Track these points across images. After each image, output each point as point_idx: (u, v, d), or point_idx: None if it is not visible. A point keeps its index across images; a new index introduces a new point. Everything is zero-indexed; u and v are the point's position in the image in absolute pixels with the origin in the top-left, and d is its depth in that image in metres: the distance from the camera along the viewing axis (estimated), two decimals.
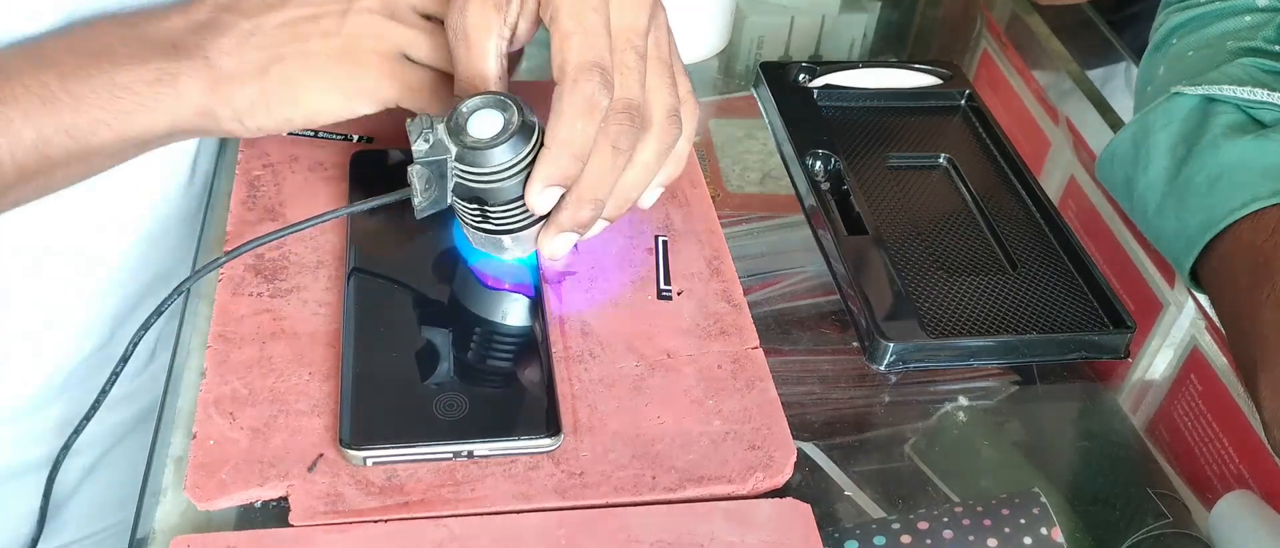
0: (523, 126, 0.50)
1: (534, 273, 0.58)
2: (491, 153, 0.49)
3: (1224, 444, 0.56)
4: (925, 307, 0.60)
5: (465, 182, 0.51)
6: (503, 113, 0.50)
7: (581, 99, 0.49)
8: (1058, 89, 0.84)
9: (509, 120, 0.50)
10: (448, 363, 0.53)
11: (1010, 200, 0.69)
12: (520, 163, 0.50)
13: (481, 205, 0.52)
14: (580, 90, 0.49)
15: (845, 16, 0.91)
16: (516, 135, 0.50)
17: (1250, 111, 0.61)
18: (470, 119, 0.50)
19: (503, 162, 0.50)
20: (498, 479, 0.49)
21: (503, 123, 0.50)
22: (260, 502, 0.48)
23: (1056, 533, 0.48)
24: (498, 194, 0.51)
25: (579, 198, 0.51)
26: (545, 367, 0.53)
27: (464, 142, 0.50)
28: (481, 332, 0.55)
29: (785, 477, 0.51)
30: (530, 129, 0.50)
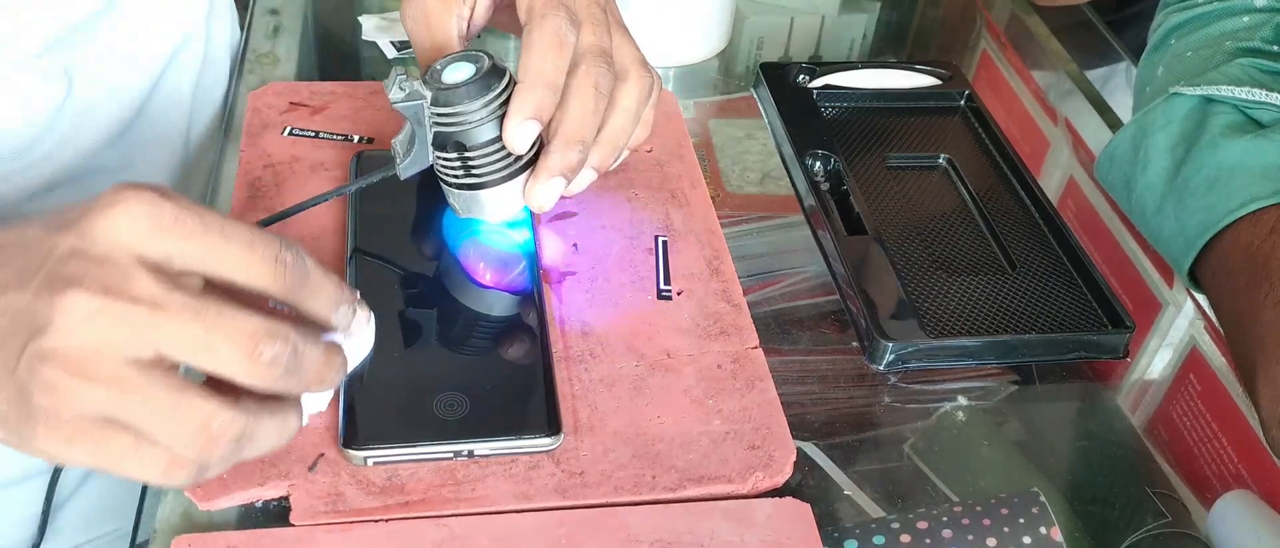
0: (494, 69, 0.51)
1: (534, 272, 0.58)
2: (466, 90, 0.50)
3: (1223, 444, 0.56)
4: (925, 307, 0.60)
5: (443, 128, 0.51)
6: (475, 63, 0.52)
7: (550, 32, 0.50)
8: (1057, 89, 0.84)
9: (480, 65, 0.51)
10: (448, 363, 0.53)
11: (1009, 201, 0.69)
12: (495, 98, 0.51)
13: (461, 154, 0.52)
14: (548, 25, 0.51)
15: (845, 17, 0.91)
16: (489, 74, 0.51)
17: (1249, 112, 0.61)
18: (444, 71, 0.52)
19: (478, 98, 0.51)
20: (498, 479, 0.49)
21: (475, 67, 0.51)
22: (261, 501, 0.48)
23: (1055, 533, 0.48)
24: (475, 135, 0.51)
25: (566, 140, 0.51)
26: (545, 366, 0.53)
27: (439, 85, 0.51)
28: (482, 331, 0.55)
29: (785, 477, 0.51)
30: (502, 72, 0.51)
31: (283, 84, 0.71)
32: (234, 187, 0.62)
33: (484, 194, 0.53)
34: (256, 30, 0.80)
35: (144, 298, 0.38)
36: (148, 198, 0.39)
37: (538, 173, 0.52)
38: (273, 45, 0.79)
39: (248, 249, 0.40)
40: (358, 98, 0.70)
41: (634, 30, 0.80)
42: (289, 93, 0.70)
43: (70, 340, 0.38)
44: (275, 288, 0.40)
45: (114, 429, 0.39)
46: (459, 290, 0.57)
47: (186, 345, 0.38)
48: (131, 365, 0.38)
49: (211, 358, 0.39)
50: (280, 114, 0.68)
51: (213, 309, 0.39)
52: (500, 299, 0.57)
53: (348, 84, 0.71)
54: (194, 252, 0.39)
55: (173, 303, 0.38)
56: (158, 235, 0.39)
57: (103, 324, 0.38)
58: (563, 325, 0.57)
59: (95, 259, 0.38)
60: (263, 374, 0.39)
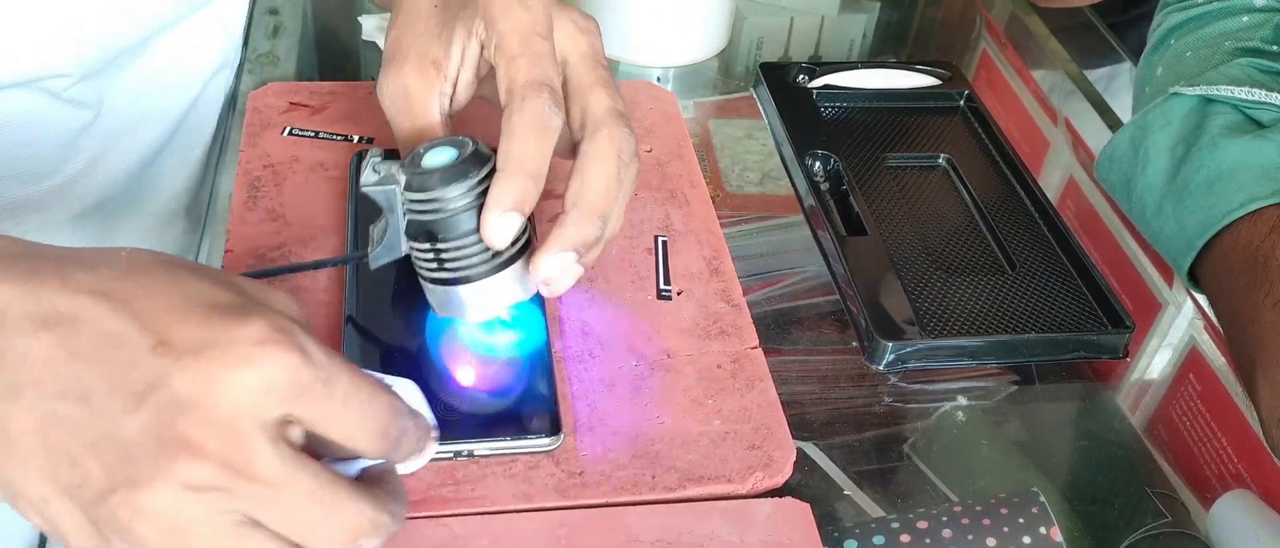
0: (477, 154, 0.47)
1: None
2: (443, 175, 0.46)
3: (1223, 444, 0.56)
4: (924, 307, 0.60)
5: (417, 216, 0.47)
6: (457, 148, 0.47)
7: (532, 116, 0.46)
8: (1057, 90, 0.84)
9: (464, 150, 0.47)
10: (448, 363, 0.53)
11: (1009, 201, 0.69)
12: (475, 186, 0.47)
13: (435, 245, 0.47)
14: (530, 107, 0.46)
15: (845, 17, 0.91)
16: (470, 160, 0.47)
17: (1248, 112, 0.61)
18: (425, 155, 0.48)
19: (455, 184, 0.46)
20: (498, 479, 0.49)
21: (457, 152, 0.47)
22: None
23: (1055, 533, 0.49)
24: (451, 226, 0.47)
25: (586, 211, 0.47)
26: (545, 366, 0.53)
27: (415, 169, 0.47)
28: (481, 331, 0.55)
29: (785, 477, 0.51)
30: (487, 158, 0.47)
31: (283, 84, 0.71)
32: (234, 187, 0.62)
33: (462, 290, 0.48)
34: (256, 30, 0.80)
35: (264, 479, 0.35)
36: (292, 361, 0.35)
37: (549, 243, 0.47)
38: (273, 45, 0.79)
39: (360, 423, 0.38)
40: (358, 98, 0.70)
41: (634, 30, 0.81)
42: (289, 93, 0.70)
43: (172, 505, 0.34)
44: (372, 455, 0.39)
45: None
46: None
47: (293, 527, 0.36)
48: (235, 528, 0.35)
49: (312, 541, 0.36)
50: (280, 114, 0.68)
51: (329, 495, 0.36)
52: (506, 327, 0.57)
53: (348, 84, 0.71)
54: (312, 416, 0.36)
55: (294, 486, 0.35)
56: (288, 403, 0.35)
57: (213, 498, 0.34)
58: (562, 325, 0.57)
59: (217, 424, 0.34)
60: None
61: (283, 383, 0.35)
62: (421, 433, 0.41)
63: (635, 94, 0.74)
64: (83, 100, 0.58)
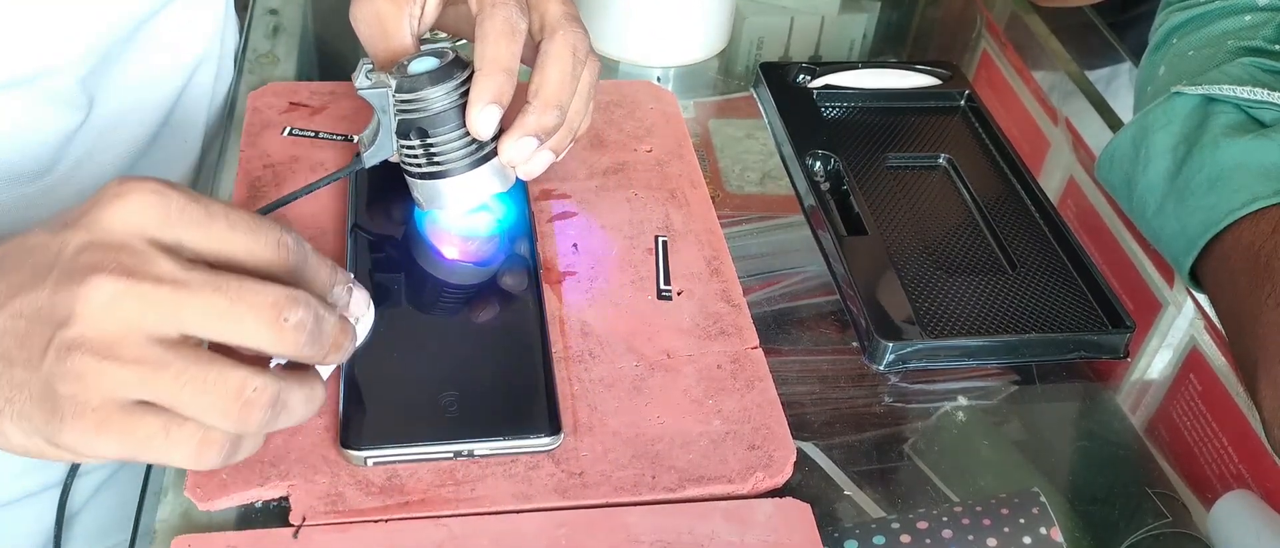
0: (458, 61, 0.53)
1: (534, 273, 0.58)
2: (430, 77, 0.52)
3: (1223, 444, 0.56)
4: (924, 307, 0.60)
5: (407, 115, 0.53)
6: (438, 56, 0.53)
7: (500, 20, 0.52)
8: (1057, 90, 0.84)
9: (445, 57, 0.53)
10: (448, 363, 0.53)
11: (1010, 201, 0.69)
12: (459, 86, 0.52)
13: (424, 141, 0.53)
14: (499, 13, 0.52)
15: (845, 16, 0.91)
16: (452, 64, 0.53)
17: (1250, 111, 0.61)
18: (410, 63, 0.53)
19: (441, 84, 0.52)
20: (498, 479, 0.49)
21: (438, 60, 0.53)
22: (261, 502, 0.48)
23: (1056, 533, 0.48)
24: (438, 121, 0.53)
25: (544, 102, 0.53)
26: (545, 367, 0.53)
27: (403, 74, 0.52)
28: (481, 331, 0.55)
29: (785, 477, 0.51)
30: (464, 64, 0.53)
31: (282, 84, 0.71)
32: (234, 186, 0.62)
33: (444, 184, 0.54)
34: (256, 30, 0.80)
35: (166, 277, 0.39)
36: (153, 188, 0.40)
37: (512, 130, 0.53)
38: (273, 45, 0.79)
39: (251, 234, 0.41)
40: (357, 98, 0.70)
41: (634, 30, 0.80)
42: (289, 93, 0.70)
43: (96, 326, 0.38)
44: (279, 268, 0.41)
45: (143, 413, 0.39)
46: (459, 291, 0.57)
47: (212, 319, 0.39)
48: (159, 344, 0.39)
49: (238, 329, 0.39)
50: (280, 114, 0.68)
51: (234, 283, 0.39)
52: (500, 299, 0.57)
53: (348, 84, 0.71)
54: (202, 238, 0.40)
55: (194, 280, 0.39)
56: (167, 224, 0.39)
57: (128, 305, 0.38)
58: (563, 325, 0.57)
59: (112, 246, 0.39)
60: (289, 340, 0.40)
61: (155, 204, 0.39)
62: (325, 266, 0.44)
63: (635, 94, 0.74)
64: (74, 100, 0.58)
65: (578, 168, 0.67)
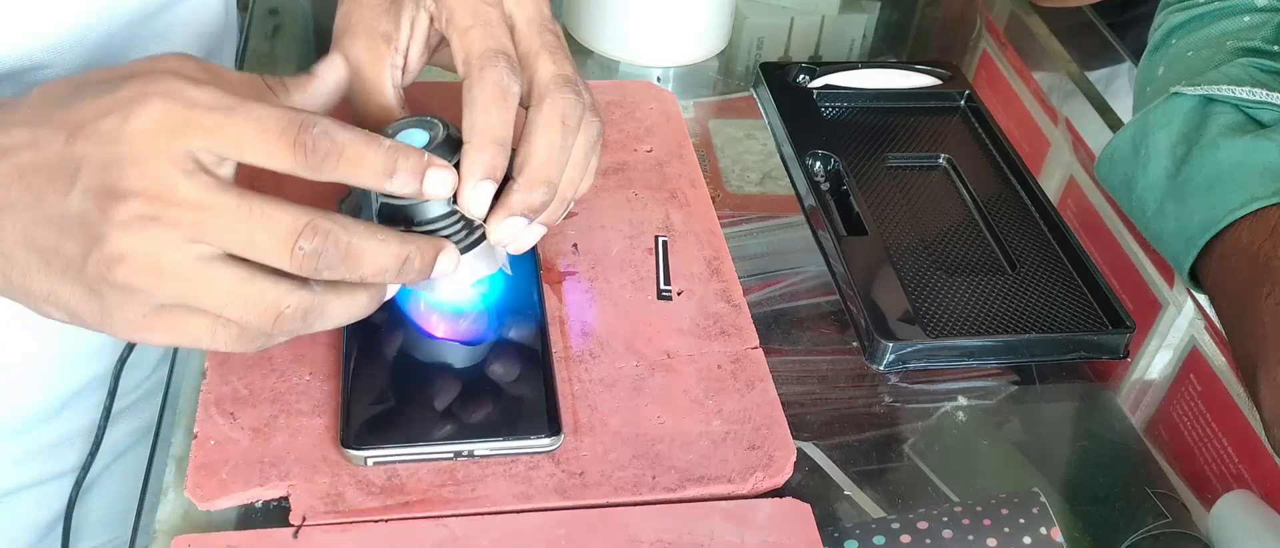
0: (448, 140, 0.47)
1: (534, 273, 0.58)
2: None
3: (1223, 444, 0.56)
4: (925, 307, 0.60)
5: (389, 202, 0.47)
6: (428, 131, 0.47)
7: (492, 86, 0.47)
8: (1057, 90, 0.84)
9: (435, 133, 0.47)
10: (448, 363, 0.53)
11: (1010, 201, 0.69)
12: None
13: (409, 228, 0.47)
14: (489, 78, 0.48)
15: (845, 16, 0.91)
16: (443, 145, 0.47)
17: (1249, 112, 0.61)
18: (395, 136, 0.47)
19: None
20: (498, 479, 0.49)
21: (429, 135, 0.47)
22: (261, 502, 0.48)
23: (1056, 533, 0.48)
24: (424, 210, 0.47)
25: (530, 179, 0.48)
26: (545, 367, 0.53)
27: None
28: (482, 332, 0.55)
29: (785, 477, 0.51)
30: (456, 143, 0.47)
31: None
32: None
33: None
34: (256, 30, 0.80)
35: (188, 201, 0.40)
36: (162, 97, 0.40)
37: (496, 211, 0.48)
38: (272, 45, 0.79)
39: (261, 134, 0.41)
40: None
41: (634, 30, 0.80)
42: None
43: (132, 246, 0.40)
44: (300, 169, 0.42)
45: (191, 314, 0.42)
46: None
47: (235, 243, 0.41)
48: (197, 261, 0.40)
49: (259, 253, 0.41)
50: None
51: (256, 207, 0.41)
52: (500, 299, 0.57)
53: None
54: (218, 144, 0.41)
55: (215, 204, 0.40)
56: (184, 133, 0.40)
57: (157, 231, 0.40)
58: (562, 325, 0.57)
59: (136, 165, 0.40)
60: (305, 266, 0.41)
61: (168, 111, 0.40)
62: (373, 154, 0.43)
63: (635, 94, 0.74)
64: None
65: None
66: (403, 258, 0.44)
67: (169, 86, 0.41)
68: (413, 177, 0.44)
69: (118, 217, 0.40)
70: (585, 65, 0.82)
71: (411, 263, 0.44)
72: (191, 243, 0.40)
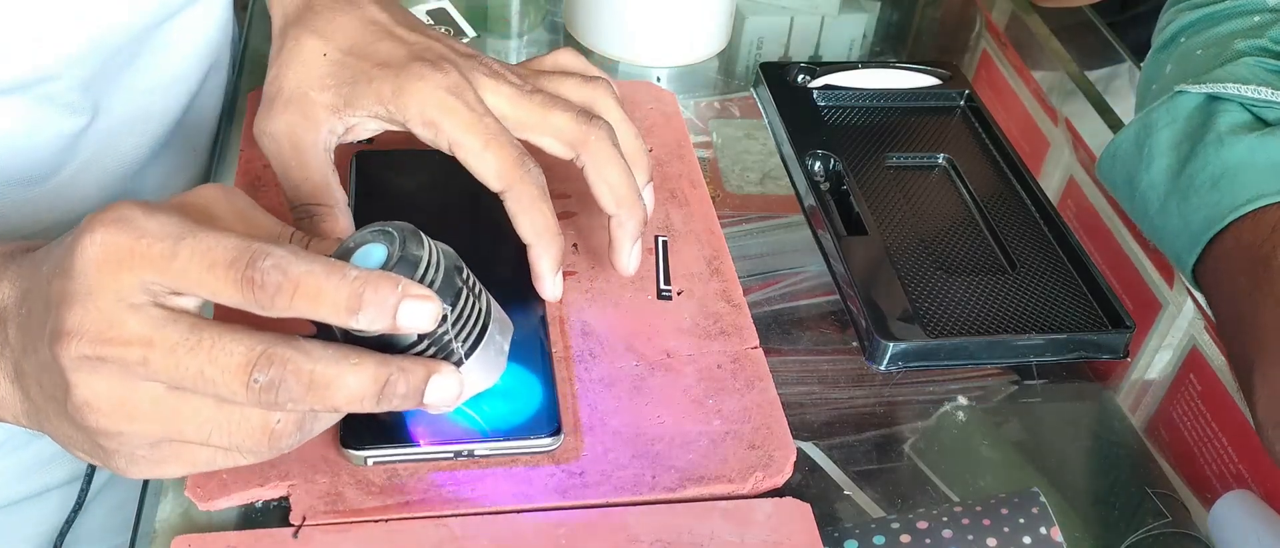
0: (404, 255, 0.40)
1: None
2: None
3: (1223, 444, 0.56)
4: (925, 307, 0.60)
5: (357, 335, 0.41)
6: (386, 241, 0.41)
7: (525, 192, 0.51)
8: (1057, 90, 0.84)
9: (392, 242, 0.41)
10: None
11: (1010, 201, 0.69)
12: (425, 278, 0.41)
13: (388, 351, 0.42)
14: (520, 188, 0.50)
15: (845, 16, 0.91)
16: (405, 252, 0.40)
17: (1255, 110, 0.61)
18: (354, 254, 0.41)
19: None
20: (498, 479, 0.49)
21: (386, 246, 0.41)
22: (261, 502, 0.48)
23: (1056, 533, 0.48)
24: (399, 339, 0.41)
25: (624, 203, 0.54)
26: (545, 367, 0.53)
27: None
28: None
29: (785, 477, 0.51)
30: (421, 240, 0.41)
31: None
32: (234, 184, 0.62)
33: None
34: (256, 30, 0.80)
35: (135, 338, 0.37)
36: (109, 226, 0.38)
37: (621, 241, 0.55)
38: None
39: (207, 268, 0.38)
40: None
41: (634, 30, 0.80)
42: None
43: (93, 390, 0.38)
44: (250, 305, 0.38)
45: (185, 446, 0.40)
46: None
47: (185, 378, 0.38)
48: (165, 396, 0.38)
49: (213, 388, 0.38)
50: None
51: (206, 339, 0.38)
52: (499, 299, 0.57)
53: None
54: (164, 280, 0.38)
55: (161, 339, 0.38)
56: (130, 265, 0.38)
57: (109, 371, 0.38)
58: (562, 325, 0.57)
59: (79, 302, 0.38)
60: (264, 399, 0.38)
61: (113, 252, 0.38)
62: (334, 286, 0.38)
63: (635, 94, 0.74)
64: (79, 105, 0.58)
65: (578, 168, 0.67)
66: (382, 382, 0.39)
67: (120, 214, 0.38)
68: (382, 312, 0.38)
69: (66, 360, 0.37)
70: None
71: (393, 388, 0.40)
72: (147, 381, 0.38)
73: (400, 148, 0.66)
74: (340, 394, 0.39)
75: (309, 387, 0.38)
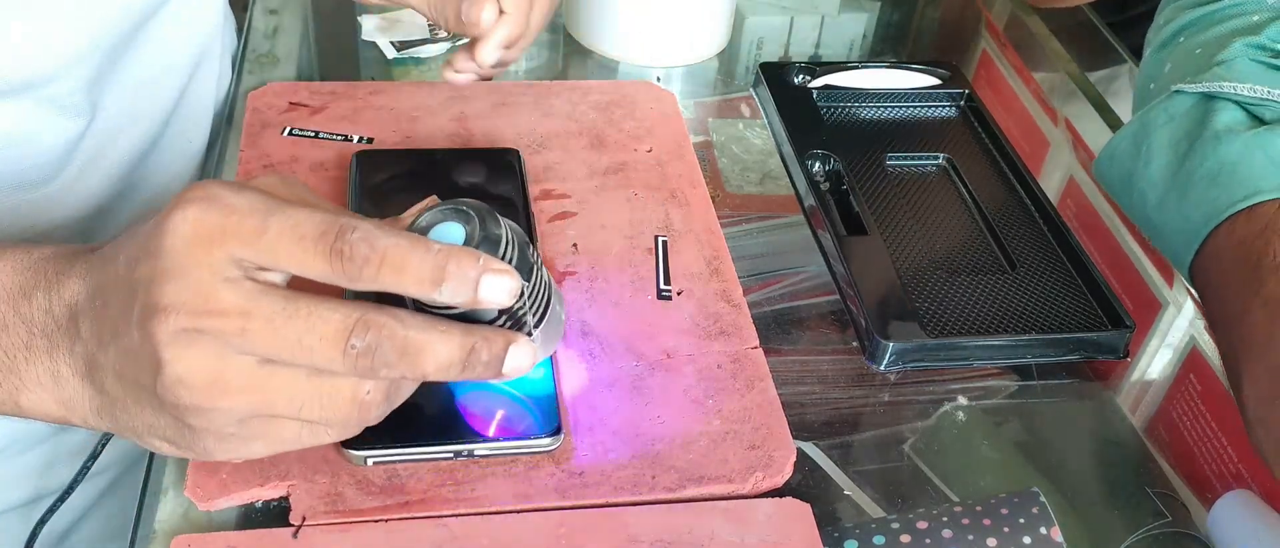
0: (486, 233, 0.41)
1: None
2: None
3: (1223, 444, 0.56)
4: (925, 307, 0.60)
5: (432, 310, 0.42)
6: (464, 223, 0.42)
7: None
8: (1057, 90, 0.84)
9: (470, 229, 0.42)
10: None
11: (1010, 200, 0.69)
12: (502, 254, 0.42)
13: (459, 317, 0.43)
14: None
15: (845, 16, 0.91)
16: (482, 241, 0.41)
17: (1252, 109, 0.61)
18: (430, 231, 0.42)
19: None
20: (498, 479, 0.49)
21: (464, 232, 0.42)
22: (261, 502, 0.48)
23: (1056, 533, 0.48)
24: (481, 314, 0.42)
25: None
26: (545, 367, 0.53)
27: None
28: None
29: (785, 477, 0.51)
30: (498, 221, 0.42)
31: (282, 84, 0.71)
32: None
33: None
34: (256, 30, 0.80)
35: (231, 309, 0.38)
36: (199, 203, 0.39)
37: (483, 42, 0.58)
38: (272, 45, 0.79)
39: (297, 241, 0.38)
40: (357, 98, 0.70)
41: (634, 30, 0.81)
42: (289, 93, 0.70)
43: (187, 366, 0.38)
44: (337, 278, 0.39)
45: (274, 421, 0.41)
46: None
47: (284, 347, 0.39)
48: (257, 370, 0.39)
49: (310, 357, 0.39)
50: (280, 114, 0.68)
51: (302, 309, 0.38)
52: None
53: (347, 84, 0.72)
54: (253, 254, 0.39)
55: (259, 310, 0.38)
56: (221, 241, 0.38)
57: (206, 344, 0.38)
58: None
59: (174, 279, 0.38)
60: (361, 365, 0.39)
61: (204, 228, 0.38)
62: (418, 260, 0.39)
63: (635, 94, 0.74)
64: (78, 107, 0.58)
65: (578, 168, 0.67)
66: (468, 350, 0.41)
67: (208, 192, 0.39)
68: (464, 285, 0.39)
69: (162, 335, 0.38)
70: (585, 65, 0.82)
71: (478, 355, 0.41)
72: (242, 354, 0.39)
73: (400, 148, 0.66)
74: (431, 361, 0.40)
75: (402, 353, 0.39)
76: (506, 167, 0.64)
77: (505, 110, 0.71)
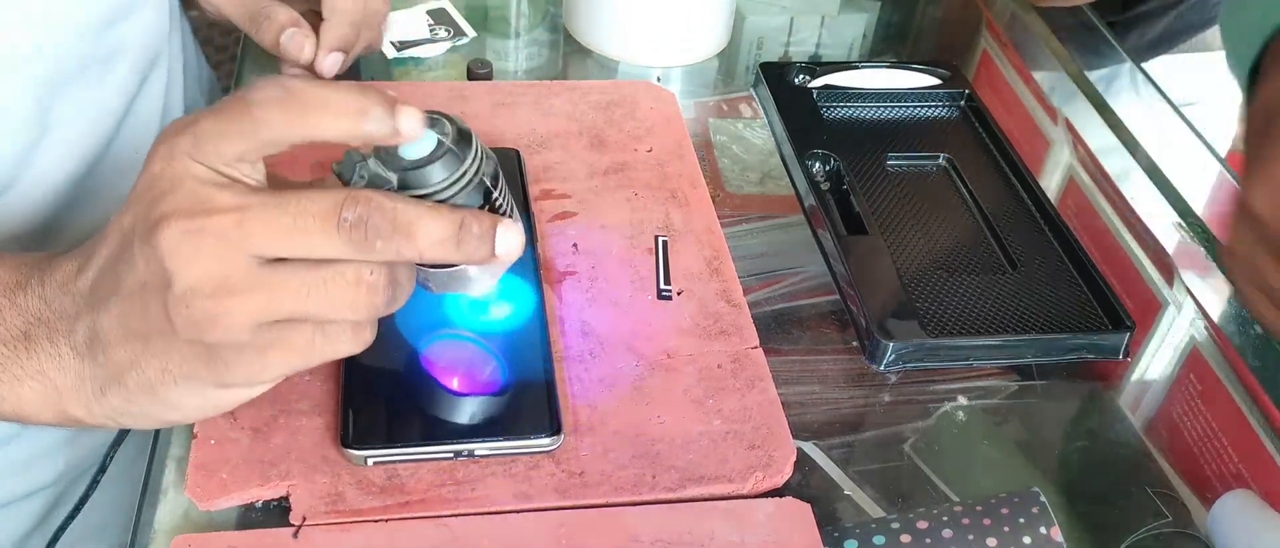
0: (459, 137, 0.43)
1: (534, 273, 0.58)
2: (433, 169, 0.43)
3: (1223, 444, 0.56)
4: (925, 306, 0.60)
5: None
6: (434, 128, 0.43)
7: None
8: (1057, 90, 0.84)
9: (443, 133, 0.43)
10: (448, 363, 0.53)
11: (1010, 200, 0.69)
12: (467, 172, 0.43)
13: None
14: None
15: (845, 16, 0.91)
16: (455, 146, 0.43)
17: None
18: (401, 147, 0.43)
19: (448, 175, 0.43)
20: (498, 479, 0.49)
21: (437, 139, 0.43)
22: (261, 502, 0.48)
23: (1056, 532, 0.48)
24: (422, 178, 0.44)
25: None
26: (545, 367, 0.53)
27: (401, 166, 0.43)
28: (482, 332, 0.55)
29: (785, 477, 0.51)
30: (467, 137, 0.44)
31: None
32: None
33: (472, 268, 0.46)
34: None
35: (227, 206, 0.40)
36: (178, 126, 0.41)
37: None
38: None
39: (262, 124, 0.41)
40: None
41: (634, 30, 0.81)
42: None
43: (193, 272, 0.40)
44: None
45: (291, 327, 0.41)
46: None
47: (280, 232, 0.40)
48: (263, 268, 0.40)
49: (306, 235, 0.40)
50: None
51: (292, 195, 0.40)
52: (501, 299, 0.57)
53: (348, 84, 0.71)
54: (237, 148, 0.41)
55: (251, 204, 0.40)
56: (200, 151, 0.40)
57: (208, 244, 0.39)
58: (562, 325, 0.57)
59: (168, 194, 0.40)
60: (355, 237, 0.40)
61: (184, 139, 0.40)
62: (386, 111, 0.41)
63: (635, 94, 0.74)
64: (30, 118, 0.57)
65: (578, 168, 0.67)
66: (458, 224, 0.42)
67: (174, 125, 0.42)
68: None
69: (165, 244, 0.39)
70: (585, 65, 0.82)
71: (469, 230, 0.42)
72: (243, 251, 0.40)
73: None
74: (423, 237, 0.41)
75: (394, 226, 0.40)
76: (506, 166, 0.64)
77: (505, 110, 0.71)
